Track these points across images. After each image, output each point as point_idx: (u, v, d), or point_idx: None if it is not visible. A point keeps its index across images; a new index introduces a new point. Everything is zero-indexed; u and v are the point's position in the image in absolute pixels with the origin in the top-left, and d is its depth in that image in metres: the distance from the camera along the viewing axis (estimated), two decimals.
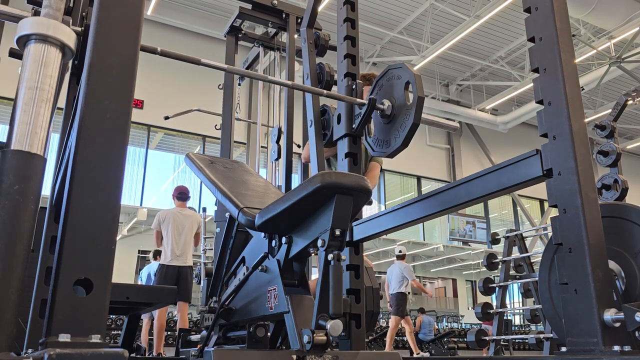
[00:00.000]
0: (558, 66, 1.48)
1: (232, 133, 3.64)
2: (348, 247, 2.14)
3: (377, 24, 12.78)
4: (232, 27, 3.82)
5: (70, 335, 0.86)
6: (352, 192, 1.38)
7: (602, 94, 15.41)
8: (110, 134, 1.00)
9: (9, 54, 1.80)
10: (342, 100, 2.24)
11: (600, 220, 1.39)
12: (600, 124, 3.93)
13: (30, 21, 1.05)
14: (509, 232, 5.78)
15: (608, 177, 3.50)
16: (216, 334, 2.04)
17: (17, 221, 0.91)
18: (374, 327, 4.14)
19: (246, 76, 3.10)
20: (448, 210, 1.83)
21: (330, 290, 1.33)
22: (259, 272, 1.71)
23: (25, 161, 0.96)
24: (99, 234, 0.94)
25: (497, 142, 16.80)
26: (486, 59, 14.55)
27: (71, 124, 1.46)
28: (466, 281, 18.68)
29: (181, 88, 12.08)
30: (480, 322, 6.21)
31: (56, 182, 1.57)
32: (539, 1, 1.57)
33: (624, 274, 1.55)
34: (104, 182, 0.97)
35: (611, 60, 12.05)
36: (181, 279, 5.33)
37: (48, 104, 1.02)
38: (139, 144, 12.37)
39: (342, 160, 2.30)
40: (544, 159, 1.47)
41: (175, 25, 12.48)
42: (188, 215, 5.63)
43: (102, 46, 1.04)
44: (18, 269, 0.90)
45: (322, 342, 1.32)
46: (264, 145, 4.48)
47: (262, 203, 1.85)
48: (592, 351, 1.26)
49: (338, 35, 2.48)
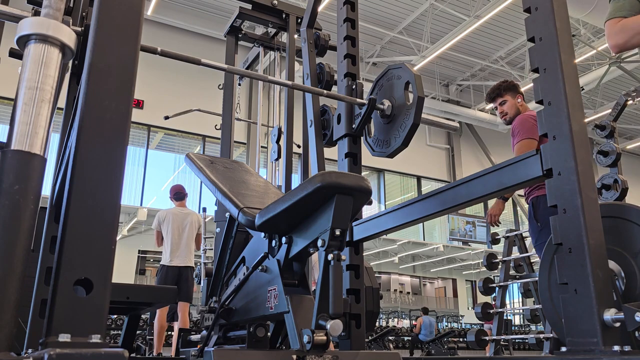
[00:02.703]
0: (558, 66, 1.48)
1: (232, 133, 3.65)
2: (348, 247, 2.14)
3: (377, 24, 12.78)
4: (232, 27, 3.83)
5: (70, 335, 0.86)
6: (352, 192, 1.38)
7: (602, 94, 15.42)
8: (110, 134, 0.99)
9: (9, 54, 1.80)
10: (342, 100, 2.24)
11: (600, 220, 1.38)
12: (600, 124, 3.93)
13: (30, 21, 1.05)
14: (509, 232, 5.79)
15: (608, 177, 3.50)
16: (216, 333, 2.04)
17: (17, 221, 0.91)
18: (373, 327, 4.15)
19: (246, 76, 3.10)
20: (448, 210, 1.83)
21: (330, 290, 1.33)
22: (259, 272, 1.71)
23: (25, 161, 0.96)
24: (99, 234, 0.94)
25: (497, 142, 16.81)
26: (486, 59, 14.56)
27: (71, 124, 1.46)
28: (466, 281, 18.69)
29: (181, 88, 12.08)
30: (482, 322, 6.21)
31: (56, 182, 1.57)
32: (539, 1, 1.57)
33: (624, 274, 1.55)
34: (104, 182, 0.97)
35: (611, 60, 12.05)
36: (182, 280, 5.33)
37: (48, 104, 1.02)
38: (139, 144, 12.37)
39: (342, 160, 2.30)
40: (543, 159, 1.47)
41: (175, 25, 12.48)
42: (188, 214, 5.63)
43: (102, 46, 1.04)
44: (18, 269, 0.90)
45: (322, 342, 1.32)
46: (264, 145, 4.48)
47: (262, 203, 1.86)
48: (592, 351, 1.26)
49: (338, 35, 2.48)
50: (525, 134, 3.00)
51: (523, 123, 3.08)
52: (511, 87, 3.36)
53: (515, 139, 3.03)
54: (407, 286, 18.91)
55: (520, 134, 3.02)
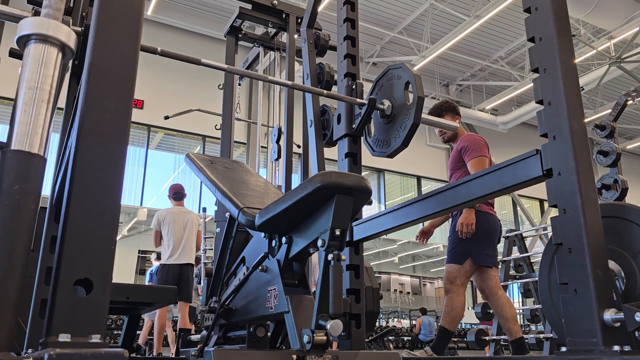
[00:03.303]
0: (558, 66, 1.48)
1: (232, 133, 3.64)
2: (348, 247, 2.14)
3: (377, 24, 12.78)
4: (232, 27, 3.83)
5: (70, 335, 0.86)
6: (352, 192, 1.38)
7: (602, 94, 15.41)
8: (110, 134, 1.00)
9: (9, 54, 1.80)
10: (342, 100, 2.24)
11: (600, 220, 1.39)
12: (600, 124, 3.94)
13: (30, 21, 1.05)
14: (509, 232, 5.79)
15: (608, 177, 3.50)
16: (216, 333, 2.04)
17: (17, 221, 0.91)
18: (373, 327, 4.15)
19: (246, 76, 3.10)
20: (448, 210, 1.83)
21: (330, 290, 1.33)
22: (259, 272, 1.71)
23: (25, 161, 0.96)
24: (99, 234, 0.94)
25: (497, 142, 16.77)
26: (486, 59, 14.55)
27: (71, 124, 1.46)
28: None
29: (181, 88, 12.08)
30: (485, 323, 6.22)
31: (56, 182, 1.57)
32: (539, 1, 1.57)
33: (624, 274, 1.55)
34: (104, 182, 0.97)
35: (611, 60, 12.05)
36: (182, 279, 5.33)
37: (48, 104, 1.02)
38: (139, 144, 12.37)
39: (342, 160, 2.30)
40: (543, 159, 1.47)
41: (175, 25, 12.48)
42: (187, 213, 5.65)
43: (102, 46, 1.04)
44: (18, 269, 0.90)
45: (322, 342, 1.32)
46: (264, 145, 4.48)
47: (262, 203, 1.86)
48: (592, 351, 1.26)
49: (338, 35, 2.48)
50: (480, 152, 3.19)
51: (476, 142, 3.26)
52: (452, 109, 3.46)
53: (469, 155, 3.21)
54: (407, 286, 18.90)
55: (476, 151, 3.19)
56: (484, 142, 3.28)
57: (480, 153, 3.19)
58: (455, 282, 3.17)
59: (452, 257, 3.22)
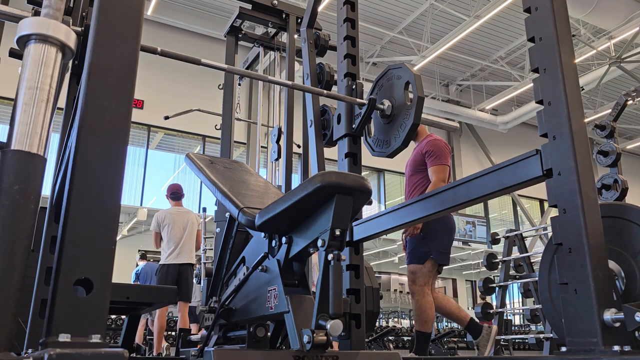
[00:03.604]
0: (558, 66, 1.48)
1: (232, 133, 3.65)
2: (348, 247, 2.14)
3: (377, 24, 12.77)
4: (232, 27, 3.83)
5: (70, 335, 0.86)
6: (352, 192, 1.38)
7: (602, 94, 15.41)
8: (110, 134, 1.00)
9: (9, 54, 1.80)
10: (342, 100, 2.24)
11: (600, 220, 1.39)
12: (600, 124, 3.94)
13: (30, 21, 1.05)
14: (509, 232, 5.79)
15: (608, 177, 3.51)
16: (216, 333, 2.04)
17: (17, 221, 0.91)
18: (373, 327, 4.14)
19: (246, 76, 3.10)
20: (448, 210, 1.83)
21: (331, 290, 1.33)
22: (259, 272, 1.71)
23: (25, 161, 0.96)
24: (99, 234, 0.94)
25: (497, 142, 16.80)
26: (486, 59, 14.55)
27: (71, 124, 1.46)
28: (466, 281, 18.68)
29: (181, 88, 12.07)
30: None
31: (56, 182, 1.57)
32: (539, 1, 1.58)
33: (624, 274, 1.55)
34: (104, 182, 0.97)
35: (611, 61, 12.04)
36: (182, 279, 5.33)
37: (48, 104, 1.02)
38: (139, 144, 12.36)
39: (342, 160, 2.30)
40: (543, 159, 1.47)
41: (175, 25, 12.47)
42: (186, 213, 5.65)
43: (102, 46, 1.04)
44: (18, 269, 0.90)
45: (322, 342, 1.32)
46: (264, 145, 4.49)
47: (262, 203, 1.86)
48: (592, 351, 1.26)
49: (338, 35, 2.48)
50: (444, 160, 3.23)
51: (441, 148, 3.28)
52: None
53: (433, 161, 3.23)
54: (407, 286, 18.90)
55: (440, 159, 3.22)
56: (448, 149, 3.32)
57: (444, 161, 3.22)
58: (418, 282, 3.16)
59: (413, 258, 3.21)
